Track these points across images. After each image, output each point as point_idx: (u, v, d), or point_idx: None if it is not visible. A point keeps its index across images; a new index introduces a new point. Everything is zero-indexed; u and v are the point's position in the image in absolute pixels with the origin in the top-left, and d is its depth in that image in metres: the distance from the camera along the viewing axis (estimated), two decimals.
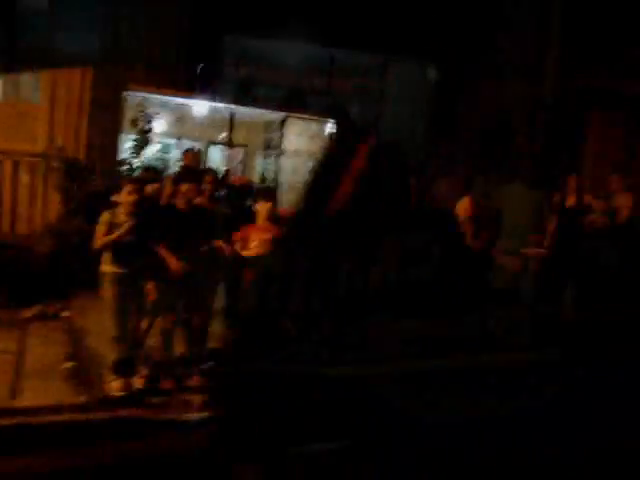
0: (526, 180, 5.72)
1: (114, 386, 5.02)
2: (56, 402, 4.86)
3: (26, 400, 4.86)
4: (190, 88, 8.80)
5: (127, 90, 8.90)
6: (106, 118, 8.51)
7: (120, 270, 5.05)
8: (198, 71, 8.16)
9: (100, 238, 5.05)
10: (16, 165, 8.30)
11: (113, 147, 8.59)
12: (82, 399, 4.95)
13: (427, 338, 4.69)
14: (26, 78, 8.86)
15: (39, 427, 4.54)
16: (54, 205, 8.31)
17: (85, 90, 8.56)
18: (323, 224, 4.39)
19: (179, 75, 8.76)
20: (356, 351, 4.18)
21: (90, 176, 7.48)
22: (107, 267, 5.09)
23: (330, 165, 5.02)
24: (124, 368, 5.09)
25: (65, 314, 7.21)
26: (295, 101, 6.76)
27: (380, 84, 10.10)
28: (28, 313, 7.11)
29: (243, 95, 8.07)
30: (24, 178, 8.32)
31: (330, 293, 4.47)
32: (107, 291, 5.10)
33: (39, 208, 8.37)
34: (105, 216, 5.08)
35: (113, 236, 5.01)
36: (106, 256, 5.10)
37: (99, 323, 6.38)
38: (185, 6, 8.55)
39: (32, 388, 5.08)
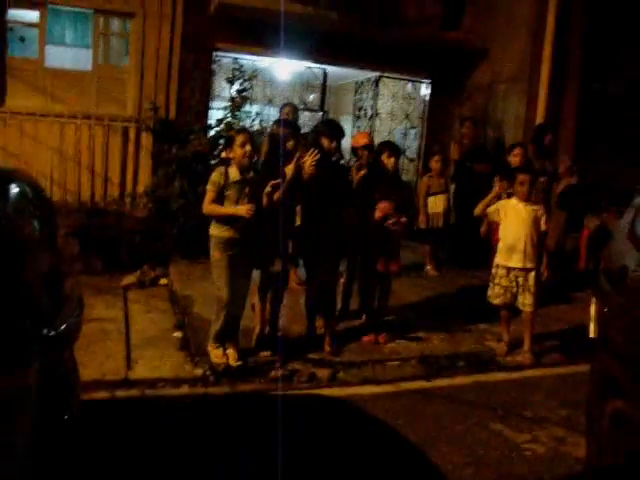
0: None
1: (215, 357, 4.66)
2: (173, 374, 4.55)
3: (141, 371, 4.56)
4: (278, 49, 8.27)
5: (217, 50, 8.51)
6: (197, 78, 8.14)
7: (230, 234, 4.61)
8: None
9: (209, 203, 4.56)
10: (106, 129, 8.05)
11: (204, 108, 8.23)
12: (198, 371, 4.62)
13: None
14: (115, 44, 8.59)
15: (158, 400, 4.23)
16: (146, 169, 8.05)
17: (174, 51, 8.21)
18: None
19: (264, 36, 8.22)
20: None
21: (188, 137, 7.11)
22: (215, 230, 4.66)
23: None
24: (227, 337, 4.73)
25: (163, 281, 6.94)
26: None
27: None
28: (126, 280, 6.88)
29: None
30: (115, 142, 8.06)
31: None
32: (215, 255, 4.66)
33: (131, 172, 8.12)
34: (215, 176, 4.56)
35: (222, 211, 4.54)
36: (215, 219, 4.67)
37: (201, 290, 6.12)
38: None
39: (144, 358, 4.79)
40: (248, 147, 4.54)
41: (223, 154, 5.09)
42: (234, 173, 4.58)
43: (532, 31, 8.28)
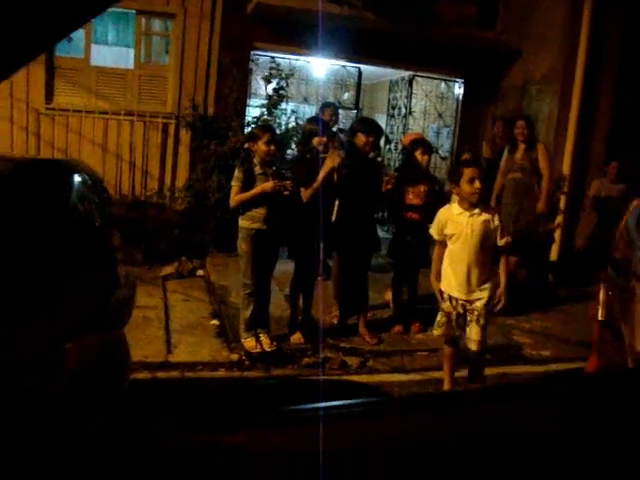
0: None
1: (248, 344, 4.89)
2: (210, 358, 4.80)
3: (180, 355, 4.82)
4: (314, 48, 8.46)
5: (254, 49, 8.74)
6: (235, 77, 8.37)
7: (257, 226, 4.83)
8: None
9: (235, 196, 4.81)
10: (147, 125, 8.34)
11: (242, 106, 8.46)
12: (234, 356, 4.85)
13: None
14: (156, 43, 8.89)
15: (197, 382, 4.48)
16: (185, 164, 8.32)
17: (213, 50, 8.47)
18: None
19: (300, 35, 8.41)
20: None
21: (227, 133, 7.36)
22: (244, 222, 4.88)
23: None
24: (258, 324, 4.96)
25: (200, 273, 7.21)
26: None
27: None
28: (165, 271, 7.16)
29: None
30: (155, 138, 8.35)
31: None
32: (243, 246, 4.90)
33: (170, 167, 8.40)
34: (238, 173, 4.81)
35: (247, 195, 4.77)
36: (244, 211, 4.89)
37: (236, 281, 6.35)
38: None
39: (183, 343, 5.04)
40: (272, 147, 4.78)
41: (246, 145, 5.29)
42: (256, 168, 4.81)
43: (566, 34, 8.31)
